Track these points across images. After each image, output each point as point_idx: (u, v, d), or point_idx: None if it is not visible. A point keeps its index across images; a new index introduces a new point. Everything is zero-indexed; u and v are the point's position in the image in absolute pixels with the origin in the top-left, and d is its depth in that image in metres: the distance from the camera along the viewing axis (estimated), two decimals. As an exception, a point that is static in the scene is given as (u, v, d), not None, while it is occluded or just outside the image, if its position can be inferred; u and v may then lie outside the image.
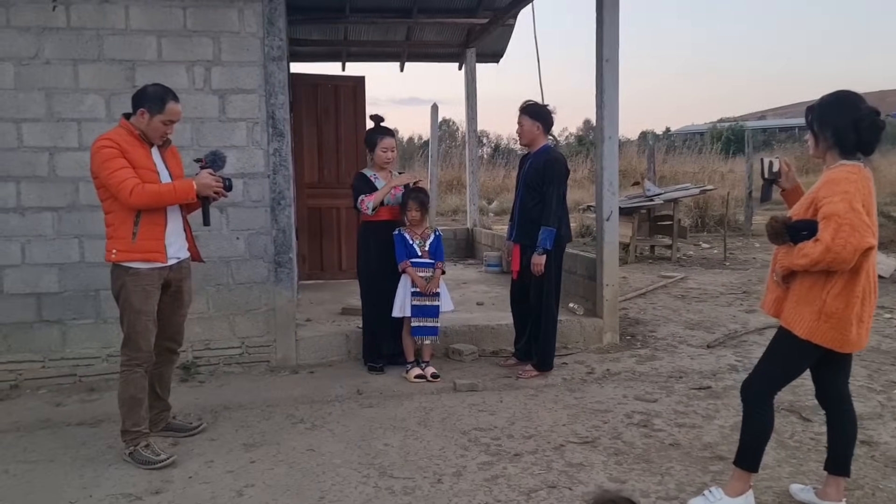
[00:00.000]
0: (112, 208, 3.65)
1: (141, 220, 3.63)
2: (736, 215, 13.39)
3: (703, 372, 5.12)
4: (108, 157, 3.54)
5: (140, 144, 3.67)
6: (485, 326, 5.80)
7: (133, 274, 3.65)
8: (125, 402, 3.72)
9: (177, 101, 3.74)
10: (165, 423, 4.08)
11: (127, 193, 3.51)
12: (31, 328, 4.96)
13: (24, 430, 4.18)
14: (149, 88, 3.72)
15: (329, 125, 8.23)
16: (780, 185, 3.20)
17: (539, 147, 5.14)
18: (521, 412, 4.35)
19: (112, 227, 3.67)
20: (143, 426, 3.75)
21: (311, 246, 8.23)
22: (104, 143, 3.59)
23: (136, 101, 3.68)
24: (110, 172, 3.52)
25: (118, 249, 3.63)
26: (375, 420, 4.25)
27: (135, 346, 3.71)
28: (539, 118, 5.12)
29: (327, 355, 5.50)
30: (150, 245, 3.66)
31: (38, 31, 4.81)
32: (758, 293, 8.00)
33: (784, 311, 2.96)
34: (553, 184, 4.96)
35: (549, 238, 4.93)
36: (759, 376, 3.08)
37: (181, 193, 3.68)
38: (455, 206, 18.43)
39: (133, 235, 3.62)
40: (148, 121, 3.65)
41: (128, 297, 3.67)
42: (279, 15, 5.15)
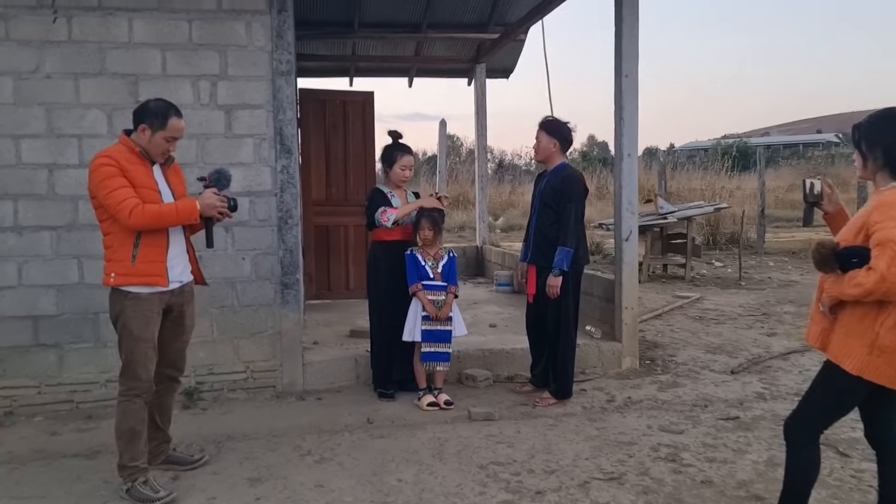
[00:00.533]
0: (111, 229, 3.44)
1: (141, 241, 3.42)
2: (748, 233, 13.17)
3: (729, 400, 4.89)
4: (107, 175, 3.34)
5: (141, 162, 3.47)
6: (499, 350, 5.58)
7: (132, 299, 3.43)
8: (123, 434, 3.48)
9: (180, 116, 3.54)
10: (165, 455, 3.84)
11: (126, 214, 3.31)
12: (27, 352, 4.75)
13: (17, 461, 3.97)
14: (151, 103, 3.53)
15: (337, 141, 8.06)
16: (823, 207, 2.98)
17: (556, 165, 4.95)
18: (540, 444, 4.12)
19: (111, 249, 3.46)
20: (142, 460, 3.52)
21: (319, 265, 8.04)
22: (102, 161, 3.38)
23: (138, 116, 3.49)
24: (108, 192, 3.32)
25: (116, 273, 3.42)
26: (387, 452, 4.02)
27: (134, 374, 3.48)
28: (557, 135, 4.94)
29: (336, 380, 5.28)
30: (150, 268, 3.45)
31: (39, 44, 4.64)
32: (777, 315, 7.78)
33: (831, 343, 2.74)
34: (571, 202, 4.76)
35: (566, 259, 4.72)
36: (804, 414, 2.85)
37: (184, 214, 3.47)
38: (461, 222, 18.26)
39: (132, 258, 3.40)
40: (149, 137, 3.46)
41: (126, 323, 3.45)
42: (288, 28, 4.99)
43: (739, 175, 23.83)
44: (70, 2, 4.63)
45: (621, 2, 5.47)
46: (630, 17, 5.47)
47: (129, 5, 4.73)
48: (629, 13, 5.47)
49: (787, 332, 6.89)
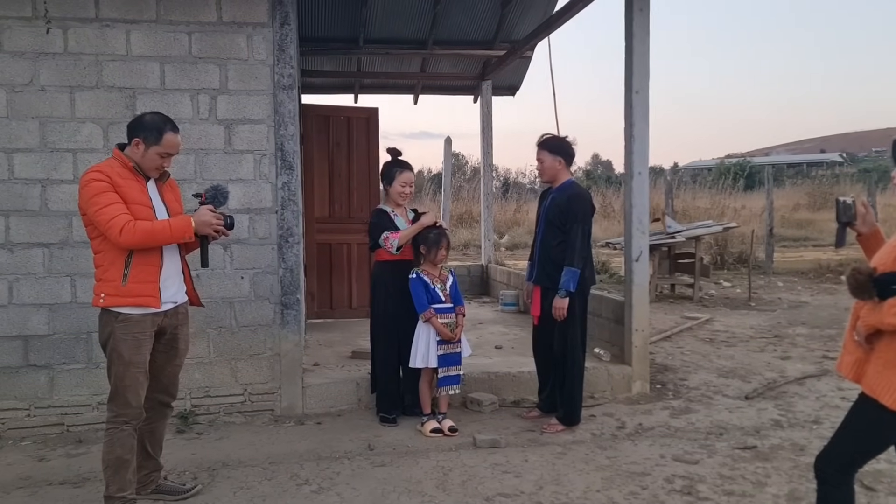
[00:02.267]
0: (101, 248, 3.28)
1: (133, 260, 3.26)
2: (756, 252, 12.99)
3: (744, 428, 4.70)
4: (98, 191, 3.19)
5: (134, 177, 3.32)
6: (505, 374, 5.40)
7: (123, 320, 3.27)
8: (110, 463, 3.31)
9: (176, 131, 3.39)
10: (156, 484, 3.66)
11: (117, 232, 3.16)
12: (16, 373, 4.59)
13: (1, 489, 3.79)
14: (146, 117, 3.39)
15: (341, 158, 7.93)
16: (857, 228, 2.81)
17: (562, 182, 4.79)
18: (549, 474, 3.93)
19: (101, 268, 3.30)
20: (130, 491, 3.34)
21: (321, 283, 7.88)
22: (93, 176, 3.23)
23: (132, 130, 3.35)
24: (99, 209, 3.17)
25: (107, 293, 3.26)
26: (388, 482, 3.84)
27: (123, 401, 3.31)
28: (560, 152, 4.78)
29: (336, 404, 5.10)
30: (142, 289, 3.28)
31: (34, 56, 4.52)
32: (789, 336, 7.59)
33: (867, 376, 2.55)
34: (577, 221, 4.60)
35: (572, 280, 4.55)
36: (837, 452, 2.64)
37: (178, 232, 3.30)
38: (466, 240, 18.11)
39: (123, 278, 3.24)
40: (143, 152, 3.31)
41: (116, 347, 3.27)
42: (290, 42, 4.86)
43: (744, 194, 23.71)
44: (66, 13, 4.52)
45: (632, 18, 5.34)
46: (641, 32, 5.34)
47: (127, 17, 4.62)
48: (640, 29, 5.34)
49: (801, 356, 6.69)
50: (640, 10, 5.33)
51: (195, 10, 4.71)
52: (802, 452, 4.21)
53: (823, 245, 17.85)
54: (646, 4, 5.33)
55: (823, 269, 12.65)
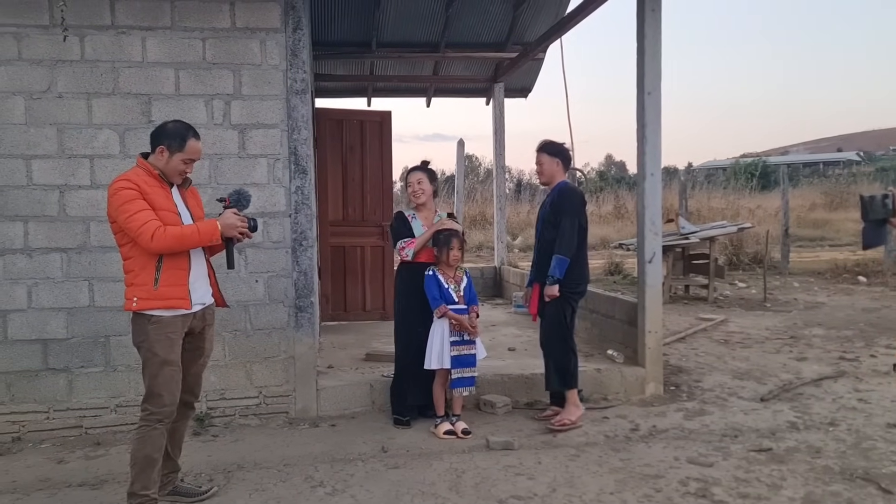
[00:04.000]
0: (131, 253, 3.38)
1: (163, 265, 3.37)
2: (772, 253, 12.90)
3: (759, 430, 4.67)
4: (127, 198, 3.29)
5: (160, 184, 3.43)
6: (518, 375, 5.40)
7: (156, 322, 3.36)
8: (139, 461, 3.37)
9: (197, 138, 3.51)
10: (173, 486, 3.70)
11: (148, 238, 3.26)
12: (36, 377, 4.66)
13: (21, 491, 3.85)
14: (168, 125, 3.49)
15: (354, 161, 7.98)
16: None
17: (555, 184, 4.94)
18: (562, 476, 3.94)
19: (132, 273, 3.39)
20: (153, 490, 3.40)
21: (335, 286, 7.92)
22: (122, 185, 3.32)
23: (155, 138, 3.45)
24: (129, 215, 3.27)
25: (139, 297, 3.35)
26: (402, 484, 3.86)
27: (158, 400, 3.39)
28: (558, 154, 4.95)
29: (350, 406, 5.12)
30: (173, 291, 3.39)
31: (51, 63, 4.59)
32: (805, 338, 7.53)
33: None
34: (567, 214, 4.73)
35: (559, 266, 4.66)
36: None
37: (206, 235, 3.41)
38: (479, 242, 18.12)
39: (155, 282, 3.35)
40: (167, 159, 3.42)
41: (151, 348, 3.37)
42: (303, 47, 4.90)
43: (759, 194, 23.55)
44: (83, 21, 4.58)
45: (644, 18, 5.34)
46: (653, 33, 5.34)
47: (143, 24, 4.67)
48: (652, 29, 5.34)
49: (817, 357, 6.65)
50: (651, 11, 5.32)
51: (209, 16, 4.76)
52: (818, 455, 4.19)
53: (840, 245, 17.72)
54: (658, 5, 5.33)
55: (840, 270, 12.55)
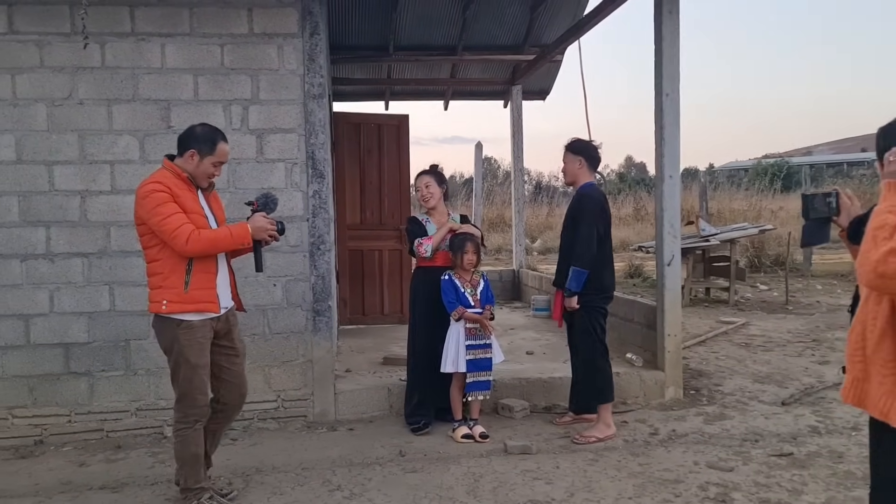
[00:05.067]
0: (159, 256, 3.41)
1: (193, 268, 3.41)
2: (794, 255, 12.75)
3: (781, 435, 4.62)
4: (160, 201, 3.32)
5: (188, 187, 3.48)
6: (536, 379, 5.38)
7: (186, 327, 3.41)
8: (187, 460, 3.51)
9: (226, 141, 3.58)
10: None
11: (183, 241, 3.30)
12: (58, 380, 4.72)
13: (43, 493, 3.89)
14: (197, 129, 3.54)
15: (372, 165, 8.00)
16: (840, 223, 2.59)
17: (581, 184, 4.80)
18: (580, 481, 3.91)
19: (160, 275, 3.42)
20: (204, 482, 3.57)
21: (353, 290, 7.95)
22: (154, 187, 3.35)
23: (185, 142, 3.50)
24: (163, 218, 3.31)
25: (169, 300, 3.39)
26: (420, 488, 3.85)
27: (192, 402, 3.48)
28: (582, 153, 4.78)
29: (368, 410, 5.13)
30: (202, 295, 3.44)
31: (73, 70, 4.65)
32: (828, 341, 7.43)
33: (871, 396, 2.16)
34: (583, 221, 4.59)
35: (574, 279, 4.55)
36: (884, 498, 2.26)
37: (237, 238, 3.47)
38: (498, 245, 18.09)
39: (185, 285, 3.39)
40: (198, 163, 3.47)
41: (182, 352, 3.42)
42: (320, 51, 4.93)
43: (782, 195, 23.25)
44: (103, 28, 4.64)
45: (661, 20, 5.31)
46: (670, 35, 5.30)
47: (162, 31, 4.72)
48: (669, 31, 5.30)
49: (839, 360, 6.55)
50: (669, 13, 5.29)
51: (227, 22, 4.80)
52: (841, 460, 4.13)
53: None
54: (675, 7, 5.29)
55: (864, 272, 12.36)
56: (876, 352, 2.11)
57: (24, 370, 4.68)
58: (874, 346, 2.11)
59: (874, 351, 2.12)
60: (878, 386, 2.11)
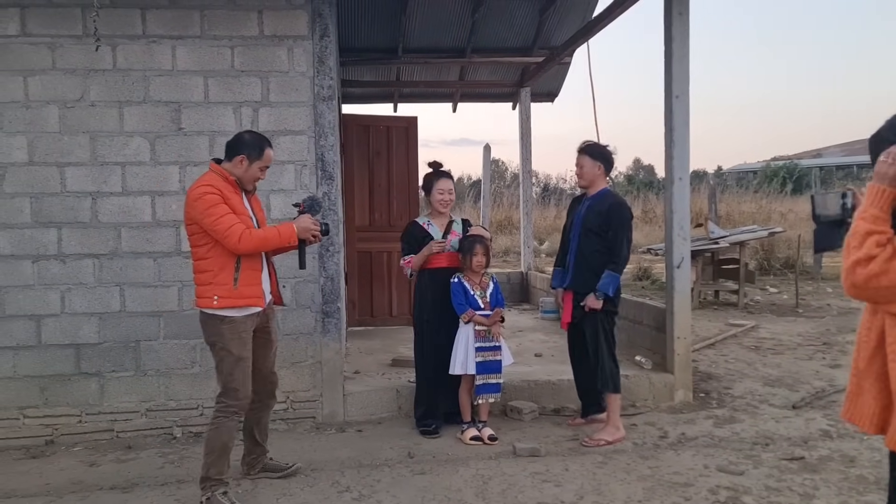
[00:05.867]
0: (209, 254, 3.59)
1: (242, 265, 3.62)
2: (804, 258, 12.69)
3: (791, 438, 4.60)
4: (212, 202, 3.52)
5: (235, 190, 3.68)
6: (545, 381, 5.37)
7: (230, 322, 3.61)
8: (215, 449, 3.63)
9: (272, 147, 3.79)
10: (262, 465, 4.08)
11: (236, 240, 3.50)
12: (68, 381, 4.74)
13: (54, 493, 3.91)
14: (245, 135, 3.76)
15: (381, 167, 8.01)
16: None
17: (598, 190, 4.80)
18: (589, 484, 3.90)
19: (209, 272, 3.60)
20: (227, 475, 3.68)
21: (362, 291, 7.95)
22: (207, 189, 3.55)
23: (234, 148, 3.70)
24: (216, 219, 3.50)
25: (220, 296, 3.58)
26: (428, 490, 3.85)
27: (235, 394, 3.66)
28: (600, 158, 4.79)
29: (376, 411, 5.14)
30: (250, 290, 3.66)
31: (84, 72, 4.68)
32: (839, 344, 7.39)
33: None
34: (623, 229, 4.64)
35: (612, 284, 4.57)
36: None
37: (285, 238, 3.68)
38: (506, 247, 18.07)
39: (235, 281, 3.60)
40: (246, 167, 3.68)
41: (226, 346, 3.62)
42: (330, 54, 4.94)
43: (791, 197, 23.13)
44: (115, 30, 4.66)
45: (671, 21, 5.30)
46: (680, 36, 5.29)
47: (173, 33, 4.74)
48: (679, 33, 5.29)
49: (850, 364, 6.51)
50: (679, 14, 5.28)
51: (238, 24, 4.82)
52: (853, 464, 4.11)
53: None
54: (685, 8, 5.28)
55: (874, 275, 12.28)
56: (869, 366, 2.03)
57: (35, 370, 4.71)
58: (867, 360, 2.04)
59: (867, 365, 2.04)
60: (872, 402, 2.03)
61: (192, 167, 4.80)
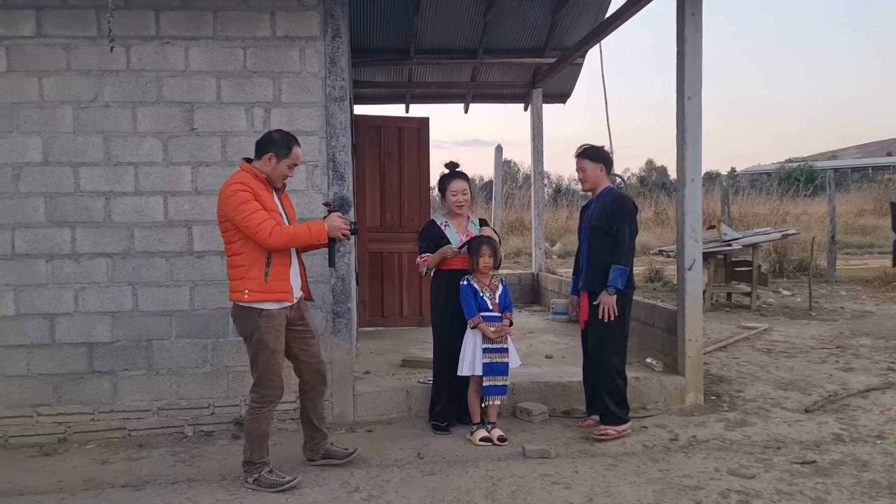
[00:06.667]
0: (242, 250, 3.74)
1: (272, 260, 3.75)
2: (818, 260, 12.60)
3: (803, 442, 4.56)
4: (244, 199, 3.65)
5: (265, 188, 3.81)
6: (555, 383, 5.36)
7: (265, 315, 3.76)
8: (256, 437, 3.85)
9: (299, 145, 3.90)
10: (325, 450, 4.20)
11: (266, 235, 3.63)
12: (81, 379, 4.78)
13: (66, 491, 3.94)
14: (274, 134, 3.88)
15: (392, 168, 8.03)
16: None
17: (601, 189, 4.84)
18: (599, 486, 3.89)
19: (242, 268, 3.75)
20: (266, 458, 3.89)
21: (372, 292, 7.97)
22: (238, 187, 3.68)
23: (263, 146, 3.83)
24: (247, 215, 3.64)
25: (251, 290, 3.73)
26: (437, 491, 3.85)
27: (269, 384, 3.84)
28: (601, 159, 4.85)
29: (386, 412, 5.15)
30: (280, 286, 3.79)
31: (99, 73, 4.72)
32: (852, 347, 7.33)
33: None
34: (625, 221, 4.65)
35: (620, 277, 4.58)
36: None
37: (315, 235, 3.80)
38: (517, 248, 18.05)
39: (265, 276, 3.73)
40: (275, 165, 3.80)
41: (261, 338, 3.78)
42: (342, 54, 4.95)
43: (805, 199, 22.95)
44: (129, 31, 4.70)
45: (684, 22, 5.27)
46: (693, 37, 5.27)
47: (186, 34, 4.78)
48: (692, 34, 5.27)
49: (864, 367, 6.47)
50: (692, 15, 5.25)
51: (250, 25, 4.84)
52: (865, 468, 4.07)
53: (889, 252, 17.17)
54: (698, 9, 5.26)
55: (889, 278, 12.17)
56: None
57: (49, 369, 4.75)
58: None
59: None
60: None
61: (204, 167, 4.83)
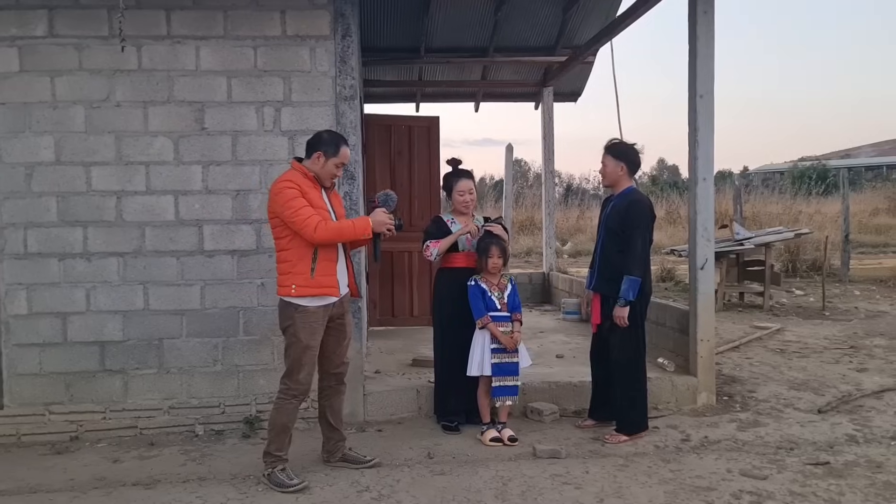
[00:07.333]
0: (289, 246, 3.82)
1: (318, 256, 3.82)
2: (831, 260, 12.50)
3: (817, 443, 4.52)
4: (292, 196, 3.74)
5: (314, 186, 3.89)
6: (566, 383, 5.34)
7: (301, 311, 3.83)
8: (276, 428, 3.93)
9: (347, 145, 3.99)
10: (342, 453, 4.22)
11: (312, 230, 3.71)
12: (93, 377, 4.80)
13: (78, 489, 3.96)
14: (324, 134, 3.96)
15: (402, 166, 8.02)
16: None
17: (623, 189, 4.75)
18: (610, 487, 3.87)
19: (289, 262, 3.83)
20: (285, 452, 3.95)
21: (383, 291, 7.97)
22: (286, 185, 3.77)
23: (313, 146, 3.92)
24: (294, 211, 3.72)
25: (297, 284, 3.80)
26: (448, 491, 3.84)
27: (297, 378, 3.90)
28: (624, 158, 4.74)
29: (397, 412, 5.14)
30: (326, 280, 3.85)
31: (110, 73, 4.73)
32: (866, 348, 7.27)
33: None
34: (638, 228, 4.55)
35: (632, 288, 4.50)
36: None
37: (360, 230, 3.88)
38: (528, 247, 18.01)
39: (311, 271, 3.80)
40: (323, 164, 3.89)
41: (296, 333, 3.85)
42: (352, 53, 4.95)
43: (818, 199, 22.78)
44: (140, 31, 4.71)
45: (696, 19, 5.24)
46: (705, 35, 5.23)
47: (197, 33, 4.78)
48: (704, 31, 5.23)
49: (879, 368, 6.41)
50: (704, 13, 5.21)
51: (261, 24, 4.85)
52: (879, 470, 4.03)
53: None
54: (710, 6, 5.22)
55: (904, 277, 12.08)
56: None
57: (60, 367, 4.77)
58: None
59: None
60: None
61: (214, 167, 4.84)
